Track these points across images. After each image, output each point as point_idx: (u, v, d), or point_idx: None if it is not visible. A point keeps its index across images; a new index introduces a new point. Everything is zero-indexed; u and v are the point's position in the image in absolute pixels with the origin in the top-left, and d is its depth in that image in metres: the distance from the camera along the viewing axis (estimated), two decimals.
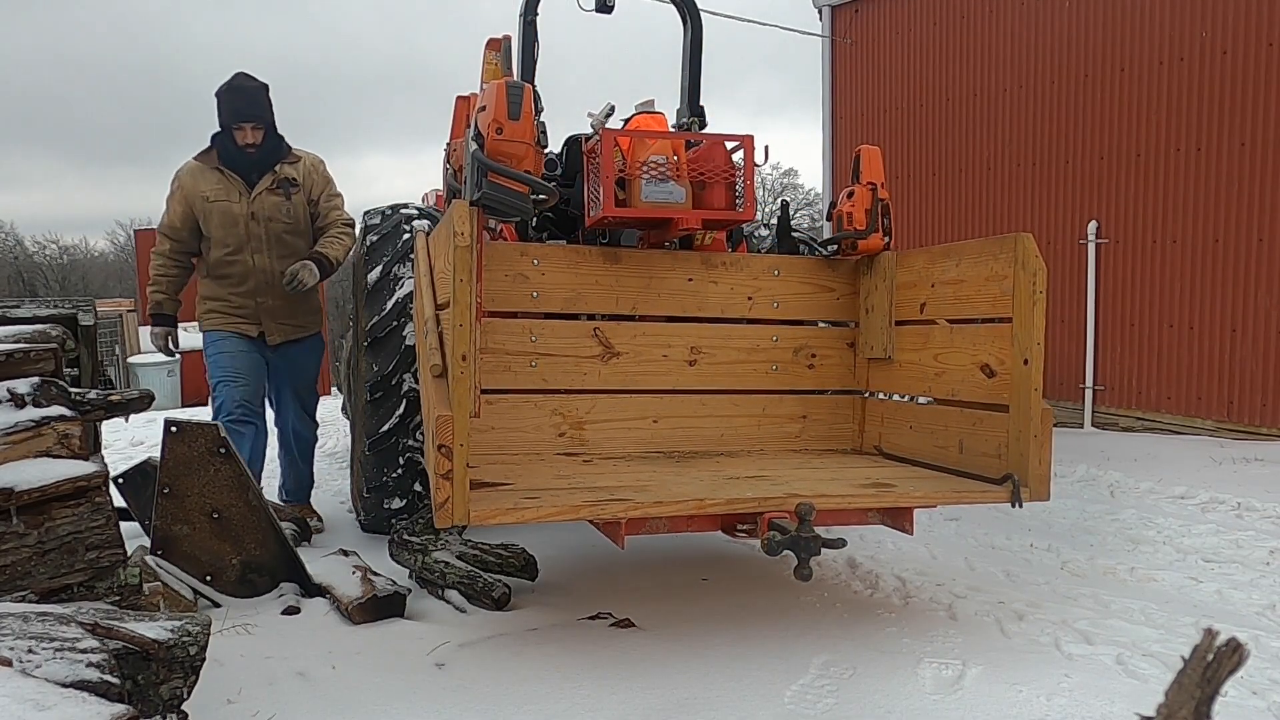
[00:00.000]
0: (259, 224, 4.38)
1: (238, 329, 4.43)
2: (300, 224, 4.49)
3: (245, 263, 4.40)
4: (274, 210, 4.40)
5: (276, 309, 4.47)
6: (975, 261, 3.36)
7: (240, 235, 4.37)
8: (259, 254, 4.40)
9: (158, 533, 3.25)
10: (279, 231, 4.42)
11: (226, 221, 4.37)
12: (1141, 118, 6.99)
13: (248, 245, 4.38)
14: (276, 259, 4.41)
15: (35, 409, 2.41)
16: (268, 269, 4.40)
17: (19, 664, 1.62)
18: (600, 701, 2.56)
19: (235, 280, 4.42)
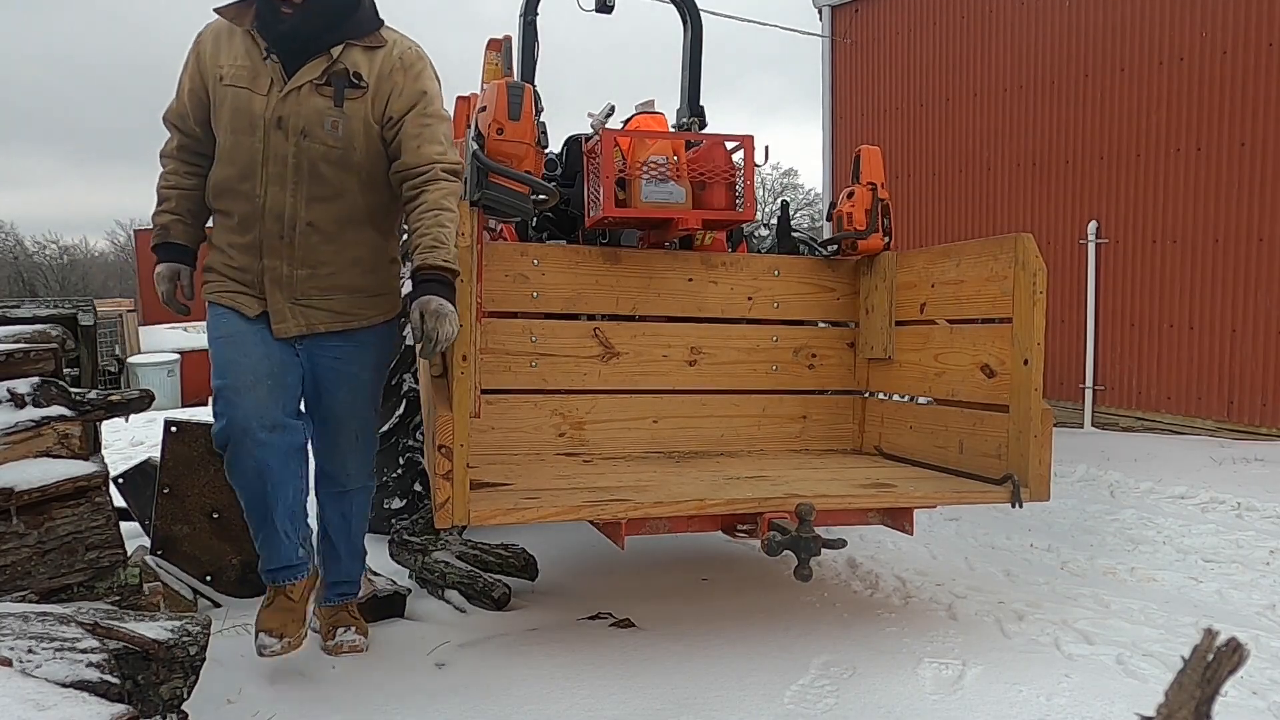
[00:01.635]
0: (285, 138, 2.58)
1: (234, 302, 2.68)
2: (355, 154, 2.64)
3: (251, 197, 2.61)
4: (314, 119, 2.58)
5: (294, 280, 2.65)
6: (975, 262, 3.36)
7: (252, 150, 2.59)
8: (275, 187, 2.60)
9: (158, 533, 3.25)
10: (316, 158, 2.60)
11: (238, 123, 2.60)
12: (1141, 118, 6.99)
13: (261, 170, 2.59)
14: (304, 203, 2.62)
15: (35, 409, 2.41)
16: (285, 216, 2.62)
17: (19, 664, 1.62)
18: (600, 701, 2.56)
19: (236, 223, 2.66)
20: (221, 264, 2.72)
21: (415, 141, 2.62)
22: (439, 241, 2.50)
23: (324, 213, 2.65)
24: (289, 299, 2.67)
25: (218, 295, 2.72)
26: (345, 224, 2.68)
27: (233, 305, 2.69)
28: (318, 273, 2.68)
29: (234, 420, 2.56)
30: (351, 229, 2.70)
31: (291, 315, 2.68)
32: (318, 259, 2.67)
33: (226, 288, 2.72)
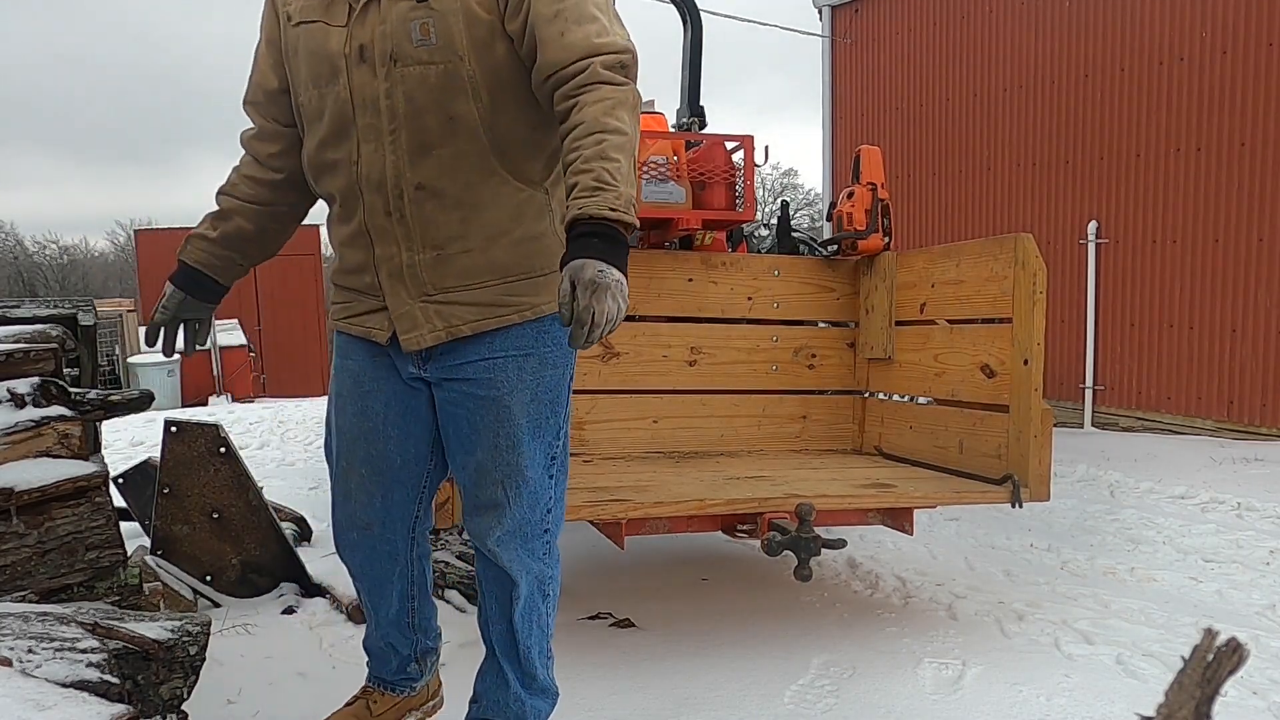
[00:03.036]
0: (372, 72, 1.84)
1: (359, 326, 2.02)
2: (462, 67, 1.83)
3: (347, 166, 1.91)
4: (400, 33, 1.82)
5: (418, 269, 1.91)
6: (975, 262, 3.36)
7: (339, 102, 1.88)
8: (370, 145, 1.87)
9: (158, 533, 3.25)
10: (412, 88, 1.83)
11: (317, 69, 1.91)
12: (1141, 118, 6.99)
13: (352, 123, 1.88)
14: (407, 157, 1.86)
15: (35, 409, 2.41)
16: (388, 180, 1.87)
17: (19, 664, 1.62)
18: (600, 701, 2.56)
19: (339, 210, 1.99)
20: (338, 275, 2.04)
21: (554, 26, 1.76)
22: (601, 182, 1.64)
23: (434, 167, 1.85)
24: (418, 296, 1.91)
25: (336, 321, 2.08)
26: (467, 179, 1.86)
27: (360, 332, 2.00)
28: (446, 253, 1.89)
29: (332, 511, 2.16)
30: (479, 185, 1.86)
31: (425, 318, 1.90)
32: (443, 235, 1.88)
33: (346, 309, 2.03)
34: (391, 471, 2.05)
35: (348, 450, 2.07)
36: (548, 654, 2.12)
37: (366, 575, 2.17)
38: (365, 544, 2.12)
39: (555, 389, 1.98)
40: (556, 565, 2.08)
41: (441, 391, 1.98)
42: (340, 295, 2.06)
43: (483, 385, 1.92)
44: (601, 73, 1.74)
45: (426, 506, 2.15)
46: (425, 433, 2.04)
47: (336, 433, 2.10)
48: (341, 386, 2.07)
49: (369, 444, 2.04)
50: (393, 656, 2.24)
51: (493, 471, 1.94)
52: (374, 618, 2.22)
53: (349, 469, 2.08)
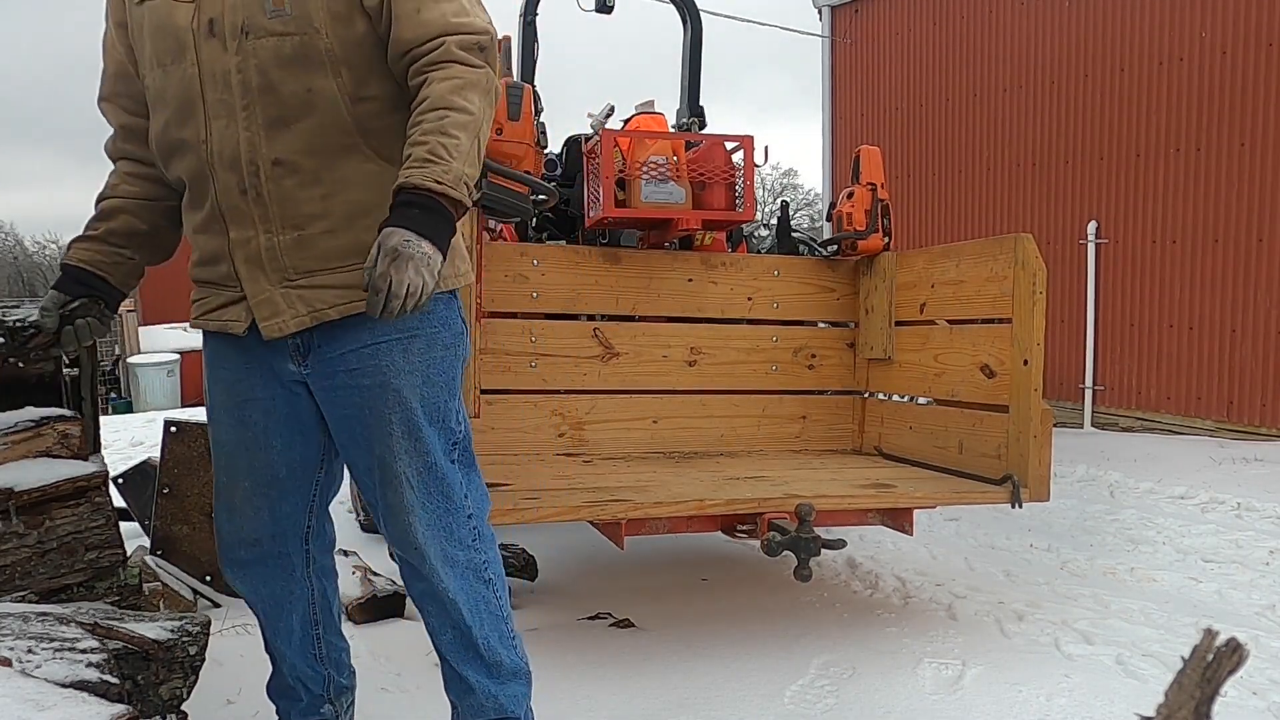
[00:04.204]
0: (223, 47, 1.76)
1: (216, 320, 1.91)
2: (320, 40, 1.75)
3: (196, 145, 1.81)
4: (252, 5, 1.75)
5: (278, 251, 1.81)
6: (975, 262, 3.36)
7: (185, 79, 1.79)
8: (221, 121, 1.78)
9: (158, 533, 3.25)
10: (266, 61, 1.75)
11: (162, 46, 1.82)
12: (1141, 118, 6.99)
13: (200, 98, 1.78)
14: (263, 132, 1.77)
15: (35, 408, 2.41)
16: (241, 157, 1.78)
17: (19, 664, 1.62)
18: (600, 701, 2.56)
19: (191, 195, 1.89)
20: (194, 269, 1.91)
21: (410, 3, 1.73)
22: (434, 155, 1.63)
23: (293, 142, 1.76)
24: (279, 282, 1.80)
25: (194, 320, 1.96)
26: (329, 155, 1.77)
27: (217, 326, 1.89)
28: (307, 234, 1.78)
29: (216, 529, 2.05)
30: (342, 161, 1.78)
31: (286, 303, 1.80)
32: (303, 213, 1.78)
33: (202, 304, 1.92)
34: (278, 483, 1.95)
35: (228, 464, 1.96)
36: (509, 636, 2.00)
37: (262, 598, 2.03)
38: (256, 561, 2.00)
39: (448, 370, 1.88)
40: (492, 546, 1.98)
41: (325, 388, 1.86)
42: (197, 291, 1.94)
43: (368, 373, 1.81)
44: (455, 52, 1.71)
45: (321, 519, 2.05)
46: (311, 439, 1.94)
47: (216, 446, 1.98)
48: (216, 399, 1.95)
49: (251, 455, 1.93)
50: (303, 694, 2.09)
51: (394, 465, 1.83)
52: (278, 652, 2.08)
53: (231, 483, 1.97)
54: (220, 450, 1.98)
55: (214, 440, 1.99)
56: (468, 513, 1.93)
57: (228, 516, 2.01)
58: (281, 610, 2.04)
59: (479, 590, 1.94)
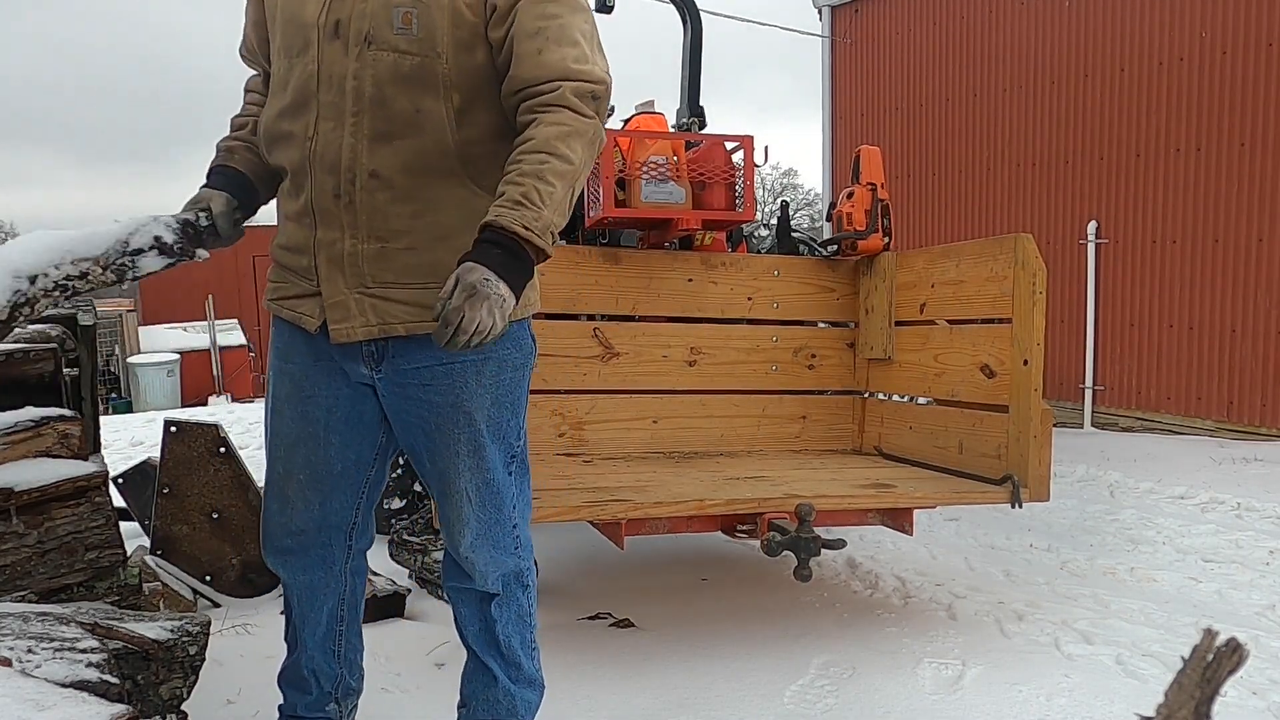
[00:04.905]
0: (344, 50, 1.79)
1: (291, 311, 1.93)
2: (439, 64, 1.78)
3: (302, 141, 1.83)
4: (379, 16, 1.77)
5: (359, 258, 1.82)
6: (975, 262, 3.36)
7: (305, 75, 1.82)
8: (329, 124, 1.80)
9: (158, 533, 3.25)
10: (383, 75, 1.77)
11: (290, 39, 1.86)
12: (1141, 118, 6.99)
13: (314, 97, 1.81)
14: (366, 143, 1.79)
15: (35, 408, 2.41)
16: (341, 163, 1.80)
17: (19, 664, 1.62)
18: (600, 701, 2.56)
19: (289, 184, 1.91)
20: (276, 250, 1.94)
21: (534, 43, 1.73)
22: (527, 199, 1.63)
23: (392, 158, 1.77)
24: (355, 287, 1.81)
25: (271, 301, 1.97)
26: (425, 175, 1.78)
27: (290, 317, 1.92)
28: (391, 247, 1.80)
29: (264, 520, 2.07)
30: (437, 183, 1.78)
31: (358, 309, 1.82)
32: (389, 228, 1.79)
33: (279, 288, 1.94)
34: (331, 478, 1.98)
35: (286, 455, 1.98)
36: (532, 644, 2.07)
37: (298, 585, 2.06)
38: (299, 550, 2.03)
39: (515, 390, 1.93)
40: (529, 553, 2.03)
41: (396, 396, 1.89)
42: (276, 273, 1.96)
43: (441, 391, 1.85)
44: (569, 98, 1.71)
45: (366, 515, 2.07)
46: (369, 439, 1.98)
47: (274, 437, 2.00)
48: (280, 391, 1.97)
49: (309, 450, 1.96)
50: (313, 687, 2.12)
51: (456, 480, 1.89)
52: (299, 640, 2.10)
53: (287, 475, 1.99)
54: (279, 441, 1.99)
55: (273, 431, 2.01)
56: (513, 522, 1.97)
57: (279, 506, 2.03)
58: (314, 600, 2.06)
59: (514, 593, 2.01)
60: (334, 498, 2.01)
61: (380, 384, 1.89)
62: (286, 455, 1.99)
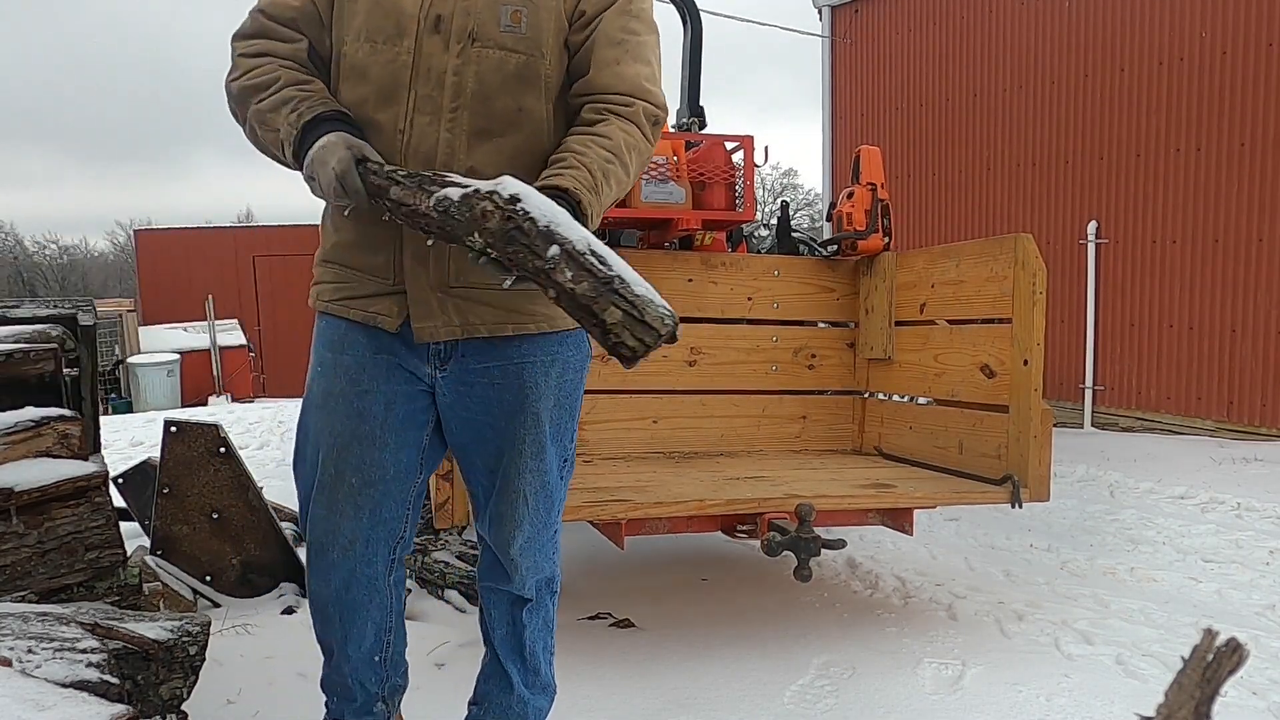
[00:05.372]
0: (444, 46, 1.75)
1: (361, 311, 1.84)
2: (542, 64, 1.79)
3: (391, 133, 1.76)
4: (486, 14, 1.76)
5: (446, 258, 1.79)
6: (975, 262, 3.36)
7: (396, 65, 1.76)
8: (425, 118, 1.75)
9: (158, 533, 3.25)
10: (488, 72, 1.76)
11: (379, 25, 1.77)
12: (1141, 118, 6.99)
13: (408, 92, 1.75)
14: (465, 139, 1.76)
15: (35, 408, 2.41)
16: (438, 159, 1.75)
17: (18, 664, 1.62)
18: (600, 701, 2.56)
19: None
20: (339, 250, 1.83)
21: (613, 52, 1.77)
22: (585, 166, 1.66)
23: (492, 155, 1.75)
24: (437, 285, 1.77)
25: (330, 302, 1.85)
26: (520, 172, 1.64)
27: (362, 317, 1.81)
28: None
29: (309, 528, 1.93)
30: (529, 181, 1.61)
31: (440, 309, 1.78)
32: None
33: (344, 289, 1.83)
34: (384, 482, 1.88)
35: (337, 457, 1.85)
36: (551, 649, 2.07)
37: (342, 602, 1.94)
38: (345, 565, 1.91)
39: (575, 393, 1.94)
40: (559, 560, 2.04)
41: (460, 394, 1.84)
42: (336, 274, 1.84)
43: (511, 390, 1.84)
44: (642, 119, 1.78)
45: (412, 526, 1.99)
46: (419, 444, 1.91)
47: (321, 435, 1.87)
48: (333, 385, 1.85)
49: (364, 449, 1.85)
50: (359, 694, 2.04)
51: (516, 480, 1.87)
52: (341, 653, 1.99)
53: (337, 478, 1.86)
54: (331, 441, 1.86)
55: (321, 429, 1.87)
56: (555, 528, 1.99)
57: (326, 513, 1.90)
58: (357, 616, 1.96)
59: (544, 600, 2.02)
60: (385, 505, 1.90)
61: (443, 383, 1.85)
62: (338, 456, 1.85)
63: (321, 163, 1.65)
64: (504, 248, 1.45)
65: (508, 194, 1.46)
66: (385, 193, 1.62)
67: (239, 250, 19.24)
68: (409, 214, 1.58)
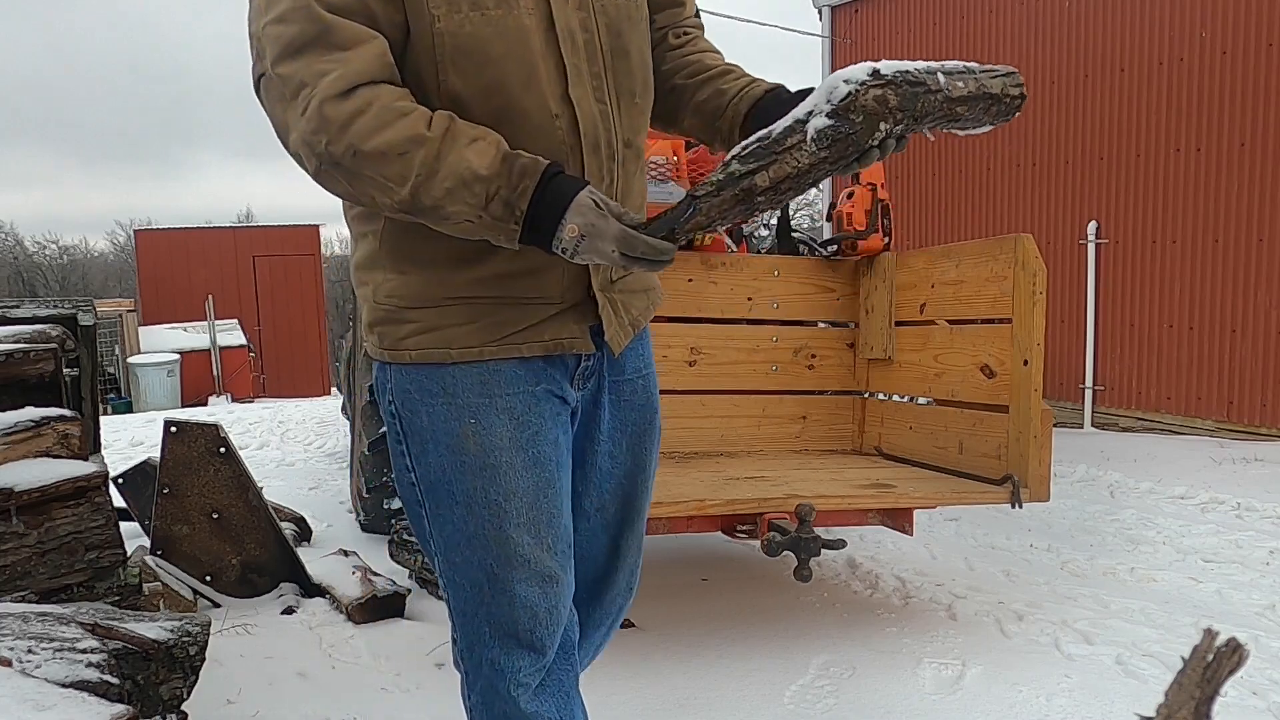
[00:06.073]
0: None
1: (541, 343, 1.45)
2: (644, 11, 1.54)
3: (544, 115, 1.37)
4: None
5: None
6: (975, 262, 3.36)
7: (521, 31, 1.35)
8: (580, 89, 1.40)
9: (158, 533, 3.25)
10: (619, 21, 1.46)
11: None
12: (1141, 118, 6.99)
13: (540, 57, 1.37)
14: (618, 104, 1.45)
15: (35, 408, 2.41)
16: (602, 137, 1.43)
17: (19, 664, 1.62)
18: (600, 701, 2.55)
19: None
20: (493, 284, 1.41)
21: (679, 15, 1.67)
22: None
23: (637, 120, 1.50)
24: (603, 286, 1.48)
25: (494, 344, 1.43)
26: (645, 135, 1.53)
27: (544, 349, 1.44)
28: None
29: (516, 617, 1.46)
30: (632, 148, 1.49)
31: (614, 311, 1.50)
32: (634, 205, 1.50)
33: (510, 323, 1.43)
34: (570, 536, 1.51)
35: (530, 520, 1.44)
36: None
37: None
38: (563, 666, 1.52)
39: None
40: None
41: (600, 415, 1.55)
42: (486, 311, 1.41)
43: (645, 395, 1.60)
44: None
45: None
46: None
47: (502, 501, 1.43)
48: (497, 436, 1.42)
49: (550, 503, 1.46)
50: None
51: (639, 501, 1.64)
52: None
53: (537, 546, 1.44)
54: (516, 504, 1.44)
55: (494, 494, 1.43)
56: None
57: (541, 592, 1.46)
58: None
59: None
60: (569, 569, 1.52)
61: (584, 402, 1.55)
62: (530, 519, 1.44)
63: (594, 251, 1.27)
64: (914, 108, 1.27)
65: (867, 71, 1.26)
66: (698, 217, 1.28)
67: (239, 250, 19.24)
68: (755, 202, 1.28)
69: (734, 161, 1.27)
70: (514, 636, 1.46)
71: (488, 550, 1.44)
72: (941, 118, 1.32)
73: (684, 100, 1.56)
